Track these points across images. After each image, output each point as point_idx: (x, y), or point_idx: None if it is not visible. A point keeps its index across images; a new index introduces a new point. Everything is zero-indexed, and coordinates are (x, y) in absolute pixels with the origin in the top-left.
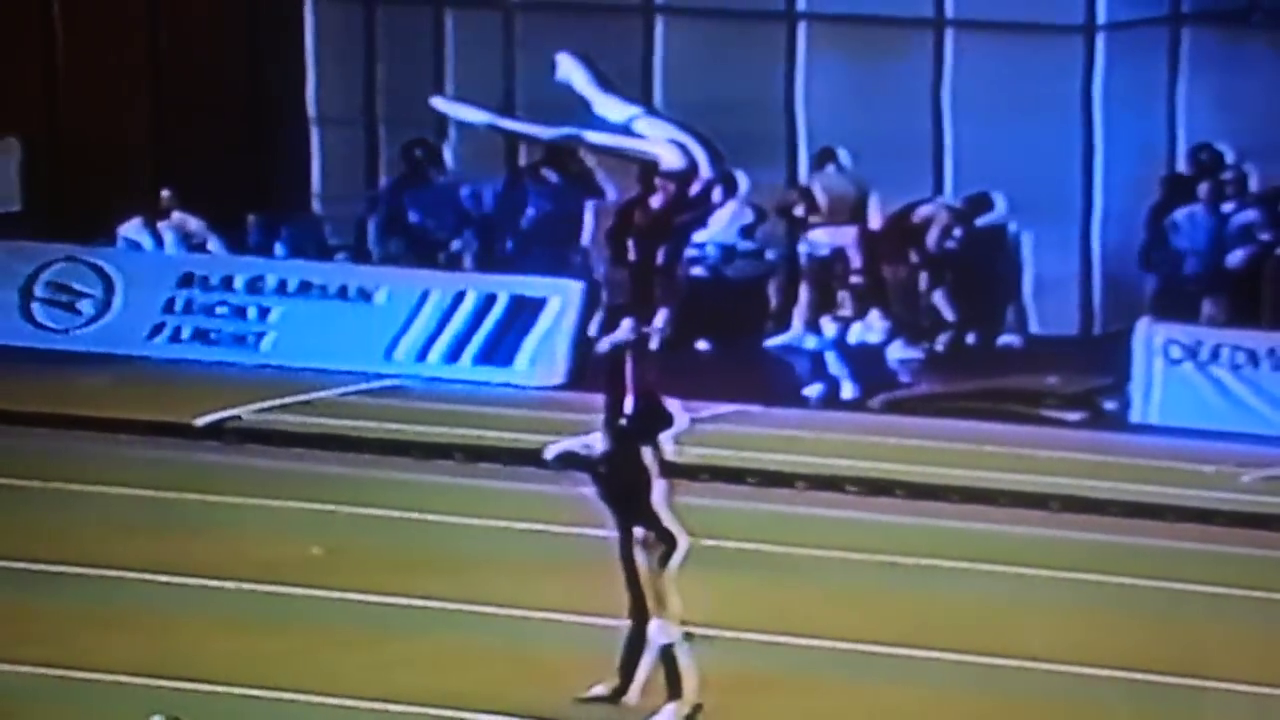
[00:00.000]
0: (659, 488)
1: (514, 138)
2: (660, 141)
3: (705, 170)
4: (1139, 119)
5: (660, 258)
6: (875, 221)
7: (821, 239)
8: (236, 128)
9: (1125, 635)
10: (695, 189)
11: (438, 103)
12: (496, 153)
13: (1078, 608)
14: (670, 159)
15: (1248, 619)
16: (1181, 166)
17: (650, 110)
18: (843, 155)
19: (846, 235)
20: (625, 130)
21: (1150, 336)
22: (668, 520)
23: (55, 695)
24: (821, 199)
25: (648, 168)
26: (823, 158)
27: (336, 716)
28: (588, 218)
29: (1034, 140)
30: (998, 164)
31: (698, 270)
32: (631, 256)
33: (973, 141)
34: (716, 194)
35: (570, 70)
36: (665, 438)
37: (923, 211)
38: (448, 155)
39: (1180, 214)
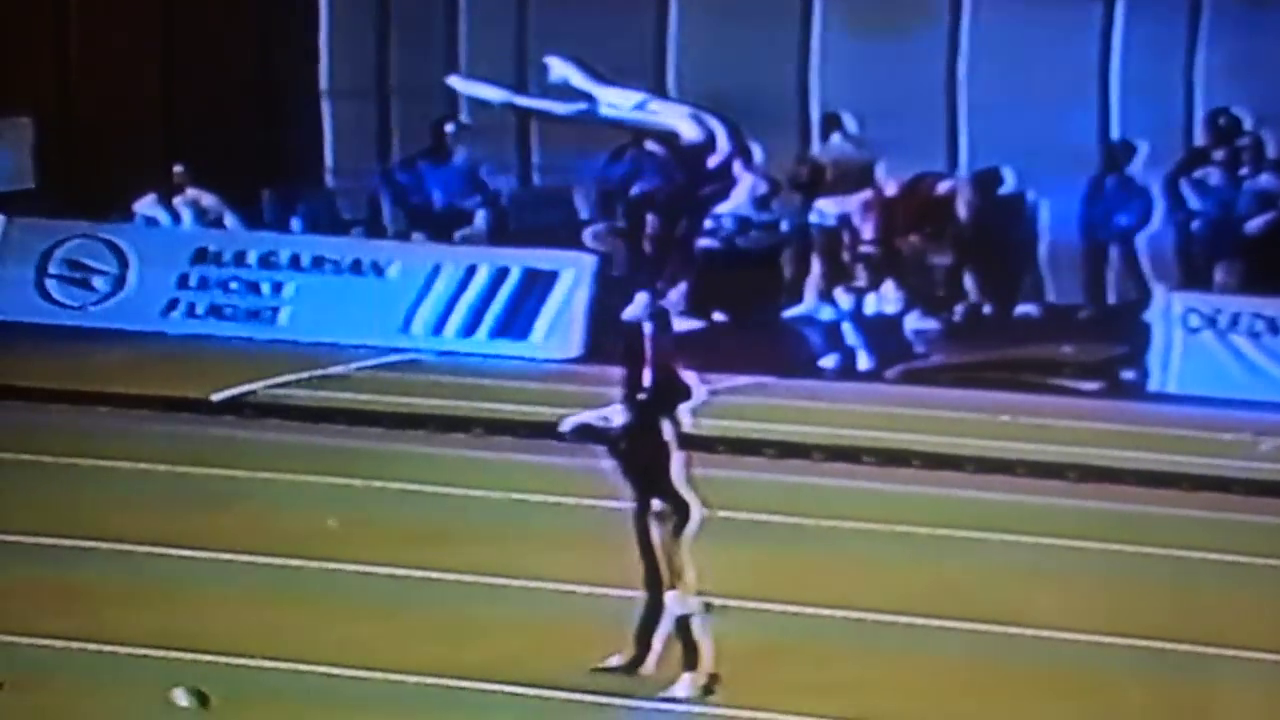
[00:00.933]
0: (677, 460)
1: (526, 115)
2: (678, 115)
3: (724, 144)
4: (1157, 83)
5: (678, 231)
6: (889, 190)
7: (832, 209)
8: (249, 102)
9: (1142, 604)
10: (715, 162)
11: (454, 82)
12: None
13: (1095, 577)
14: (689, 132)
15: (1266, 587)
16: (1199, 132)
17: (657, 94)
18: (849, 122)
19: (859, 204)
20: (641, 107)
21: (1168, 305)
22: (683, 491)
23: (79, 667)
24: (831, 168)
25: (666, 141)
26: (829, 125)
27: (353, 687)
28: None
29: (1050, 105)
30: (1013, 130)
31: (712, 242)
32: (649, 230)
33: (988, 107)
34: (738, 168)
35: (564, 70)
36: (684, 410)
37: (937, 184)
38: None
39: (1196, 179)
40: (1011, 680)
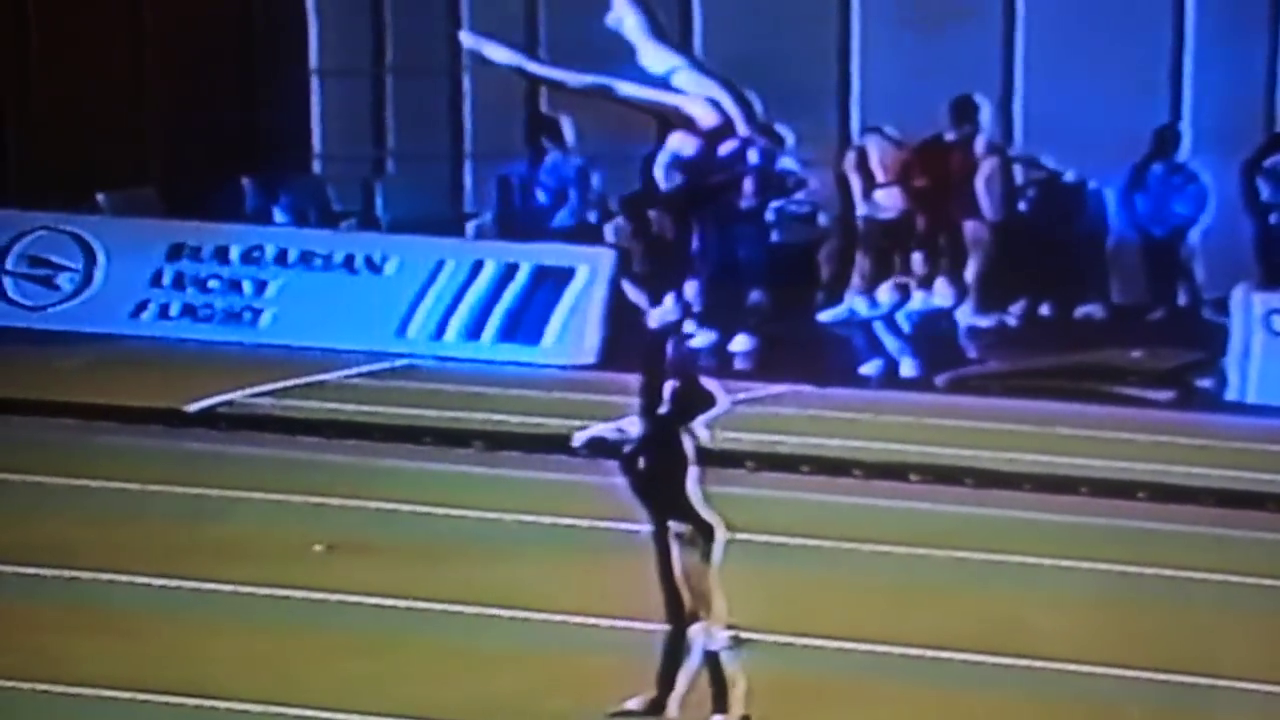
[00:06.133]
0: (693, 476)
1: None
2: (693, 98)
3: (740, 128)
4: (1234, 63)
5: (694, 222)
6: (934, 178)
7: (874, 198)
8: (229, 80)
9: (1230, 638)
10: (728, 148)
11: (465, 38)
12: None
13: (1171, 606)
14: (704, 116)
15: None
16: None
17: (694, 63)
18: (889, 129)
19: (903, 194)
20: (660, 83)
21: (1248, 305)
22: (703, 511)
23: (28, 710)
24: (874, 157)
25: (680, 124)
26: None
27: None
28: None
29: (1116, 83)
30: (1072, 111)
31: (739, 237)
32: (655, 227)
33: (1045, 86)
34: (753, 154)
35: (624, 13)
36: (703, 421)
37: (984, 163)
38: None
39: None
40: None
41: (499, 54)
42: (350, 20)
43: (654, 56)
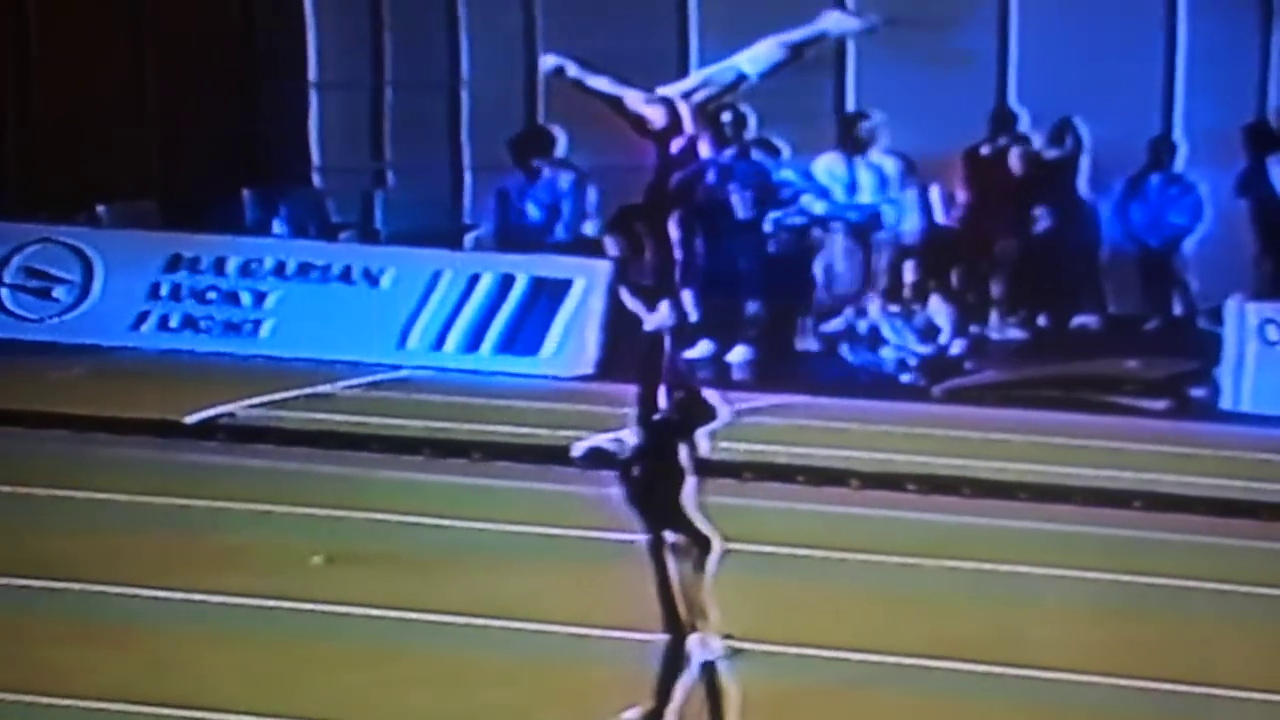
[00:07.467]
0: (690, 487)
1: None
2: (642, 99)
3: (688, 126)
4: (1229, 69)
5: (669, 229)
6: (931, 187)
7: (869, 207)
8: (228, 92)
9: (1226, 647)
10: (677, 146)
11: (546, 59)
12: None
13: (1166, 615)
14: (654, 116)
15: None
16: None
17: (768, 73)
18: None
19: (898, 203)
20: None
21: (1243, 315)
22: (698, 522)
23: None
24: (865, 167)
25: (639, 128)
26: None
27: None
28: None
29: (1109, 90)
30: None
31: (734, 247)
32: (638, 230)
33: (1041, 96)
34: (704, 148)
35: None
36: (703, 432)
37: (983, 174)
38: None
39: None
40: None
41: (572, 70)
42: (349, 33)
43: (763, 50)
